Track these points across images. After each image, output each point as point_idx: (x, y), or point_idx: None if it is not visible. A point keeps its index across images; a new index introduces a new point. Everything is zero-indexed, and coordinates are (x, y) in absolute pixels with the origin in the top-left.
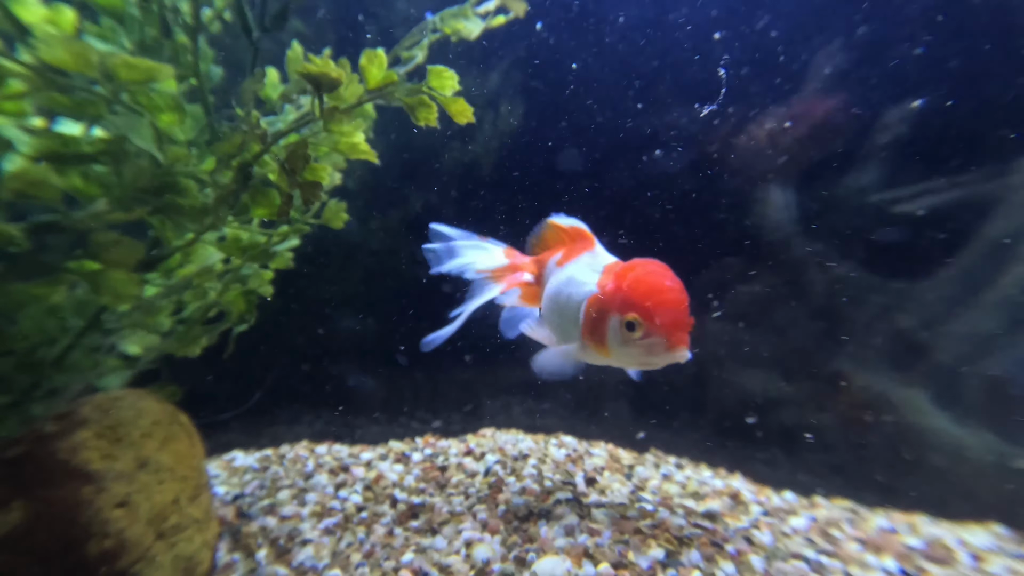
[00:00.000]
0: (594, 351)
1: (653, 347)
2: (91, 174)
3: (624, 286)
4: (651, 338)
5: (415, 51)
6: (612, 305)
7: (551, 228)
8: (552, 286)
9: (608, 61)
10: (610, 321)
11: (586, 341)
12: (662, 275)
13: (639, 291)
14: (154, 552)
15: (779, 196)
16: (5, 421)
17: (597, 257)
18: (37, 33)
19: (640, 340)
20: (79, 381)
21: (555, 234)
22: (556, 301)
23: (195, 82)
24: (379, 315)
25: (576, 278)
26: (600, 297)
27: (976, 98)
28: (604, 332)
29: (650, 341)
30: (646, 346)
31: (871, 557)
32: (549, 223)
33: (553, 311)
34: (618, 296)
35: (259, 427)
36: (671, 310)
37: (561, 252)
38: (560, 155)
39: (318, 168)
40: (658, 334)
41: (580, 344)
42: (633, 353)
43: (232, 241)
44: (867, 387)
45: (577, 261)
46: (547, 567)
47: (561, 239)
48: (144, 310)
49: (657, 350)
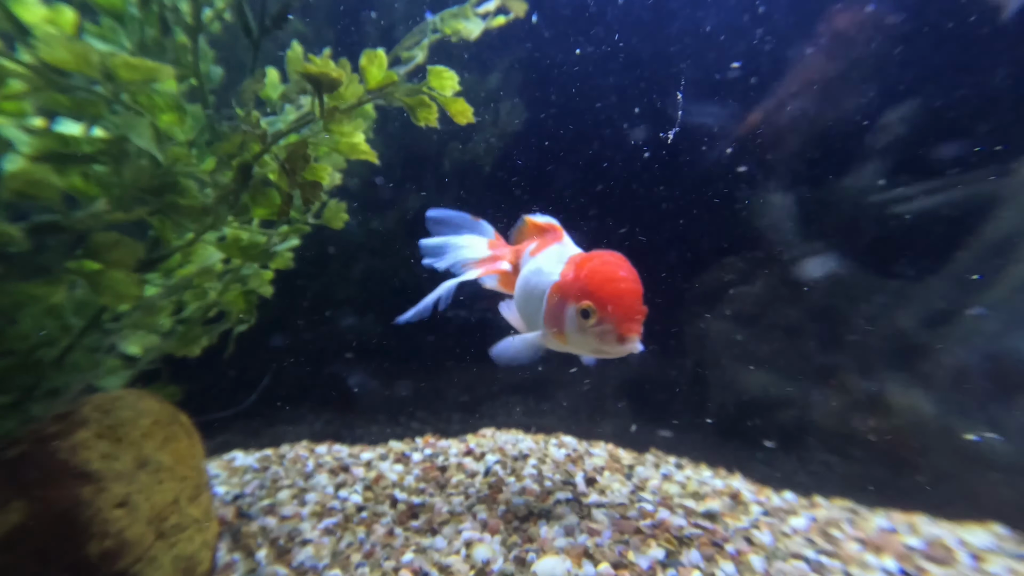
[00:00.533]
0: (554, 338)
1: (605, 335)
2: (91, 174)
3: (581, 276)
4: (603, 326)
5: (415, 51)
6: (570, 294)
7: (528, 223)
8: (523, 274)
9: (607, 59)
10: (567, 309)
11: (547, 327)
12: (618, 266)
13: (594, 281)
14: (154, 552)
15: (778, 196)
16: (5, 421)
17: (564, 248)
18: (37, 33)
19: (593, 328)
20: (79, 381)
21: (531, 228)
22: (525, 289)
23: (195, 82)
24: (379, 315)
25: (543, 268)
26: (560, 286)
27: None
28: (562, 319)
29: (602, 329)
30: (598, 333)
31: (871, 557)
32: (526, 219)
33: (522, 298)
34: (575, 285)
35: (259, 427)
36: (624, 300)
37: (536, 242)
38: (559, 154)
39: (318, 168)
40: (610, 322)
41: (543, 330)
42: (587, 340)
43: (232, 241)
44: (867, 387)
45: (547, 252)
46: (547, 567)
47: (536, 232)
48: (144, 310)
49: (609, 338)
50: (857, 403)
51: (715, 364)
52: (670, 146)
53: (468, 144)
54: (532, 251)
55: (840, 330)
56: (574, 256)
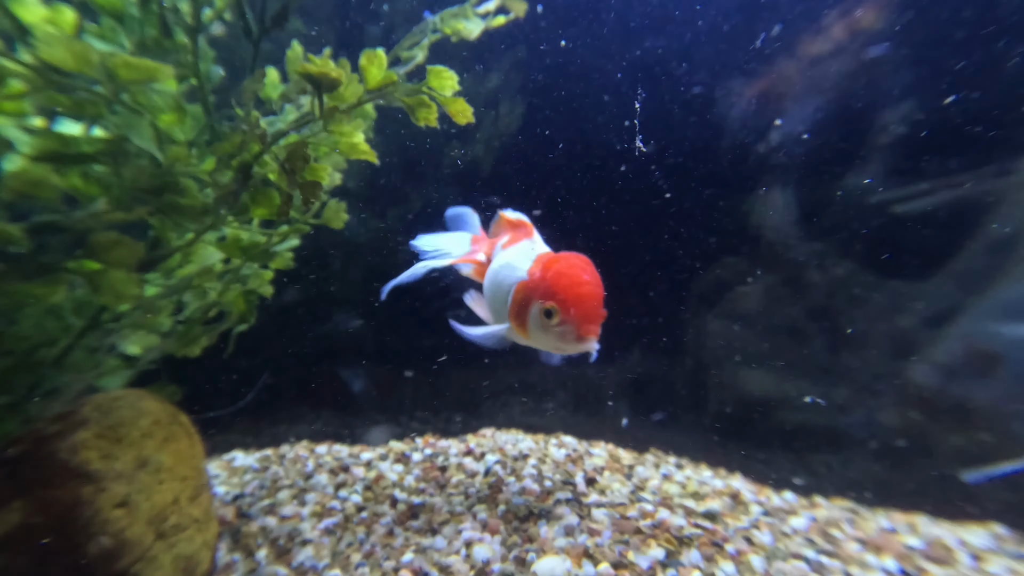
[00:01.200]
0: (518, 333)
1: (565, 334)
2: (91, 174)
3: (547, 276)
4: (564, 326)
5: (415, 51)
6: (535, 292)
7: (502, 219)
8: (492, 267)
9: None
10: (532, 307)
11: (511, 322)
12: (583, 270)
13: (559, 283)
14: (154, 552)
15: (778, 196)
16: (5, 421)
17: (534, 246)
18: (37, 33)
19: (554, 327)
20: (79, 381)
21: (505, 223)
22: (494, 281)
23: (195, 82)
24: (379, 315)
25: (512, 263)
26: (527, 284)
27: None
28: (526, 316)
29: (562, 329)
30: (559, 333)
31: (871, 557)
32: (501, 214)
33: (490, 290)
34: (541, 285)
35: (259, 427)
36: (585, 303)
37: (508, 236)
38: (559, 154)
39: (318, 168)
40: (570, 323)
41: (507, 325)
42: (548, 338)
43: (232, 241)
44: (867, 386)
45: (517, 247)
46: (547, 567)
47: (509, 227)
48: (144, 310)
49: (568, 338)
50: (857, 402)
51: (715, 364)
52: (671, 146)
53: (468, 144)
54: (504, 244)
55: (840, 330)
56: (542, 255)
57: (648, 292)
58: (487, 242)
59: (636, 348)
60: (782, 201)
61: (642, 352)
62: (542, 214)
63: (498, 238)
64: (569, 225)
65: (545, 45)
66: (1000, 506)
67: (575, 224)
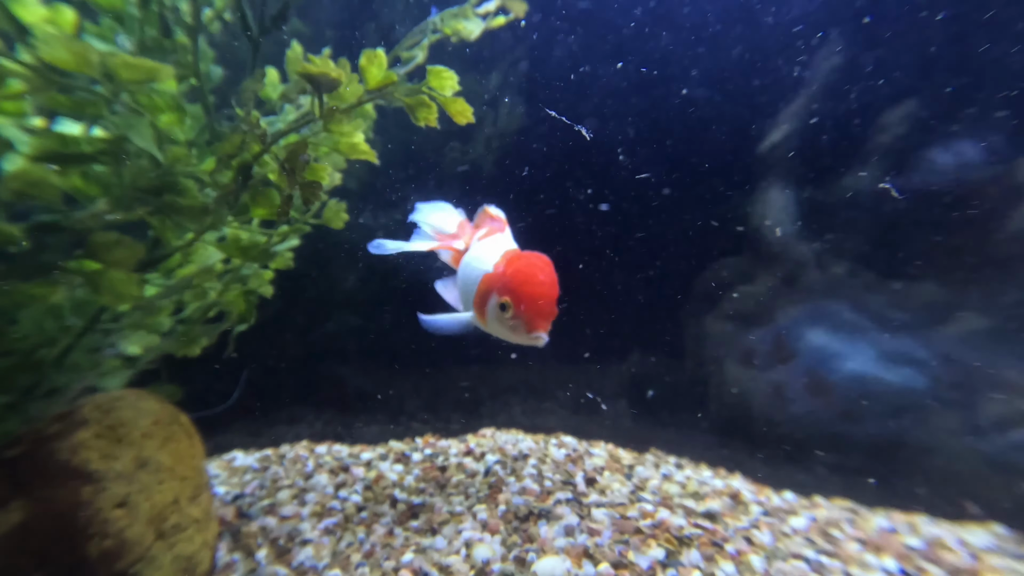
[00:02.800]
0: (479, 321)
1: (516, 328)
2: (91, 174)
3: (507, 273)
4: (516, 320)
5: (415, 51)
6: (495, 286)
7: (485, 212)
8: (466, 257)
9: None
10: (491, 299)
11: (474, 310)
12: (540, 270)
13: (516, 280)
14: (154, 552)
15: (778, 195)
16: (5, 421)
17: (504, 241)
18: (37, 33)
19: (508, 319)
20: (79, 381)
21: (486, 217)
22: (465, 271)
23: (195, 82)
24: (379, 315)
25: (482, 256)
26: (490, 277)
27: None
28: (486, 306)
29: (514, 323)
30: (511, 325)
31: (871, 557)
32: (484, 208)
33: (461, 278)
34: (500, 280)
35: (259, 427)
36: (537, 301)
37: (486, 229)
38: (559, 155)
39: (318, 168)
40: (521, 318)
41: (472, 313)
42: (501, 329)
43: (232, 241)
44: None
45: (491, 239)
46: (547, 567)
47: (487, 221)
48: (144, 310)
49: (519, 331)
50: (857, 402)
51: (715, 364)
52: (673, 146)
53: (468, 143)
54: (480, 236)
55: (839, 329)
56: (508, 252)
57: (647, 291)
58: (469, 231)
59: (636, 348)
60: (782, 200)
61: (642, 352)
62: (536, 212)
63: (477, 229)
64: (568, 224)
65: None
66: (1000, 506)
67: (574, 224)
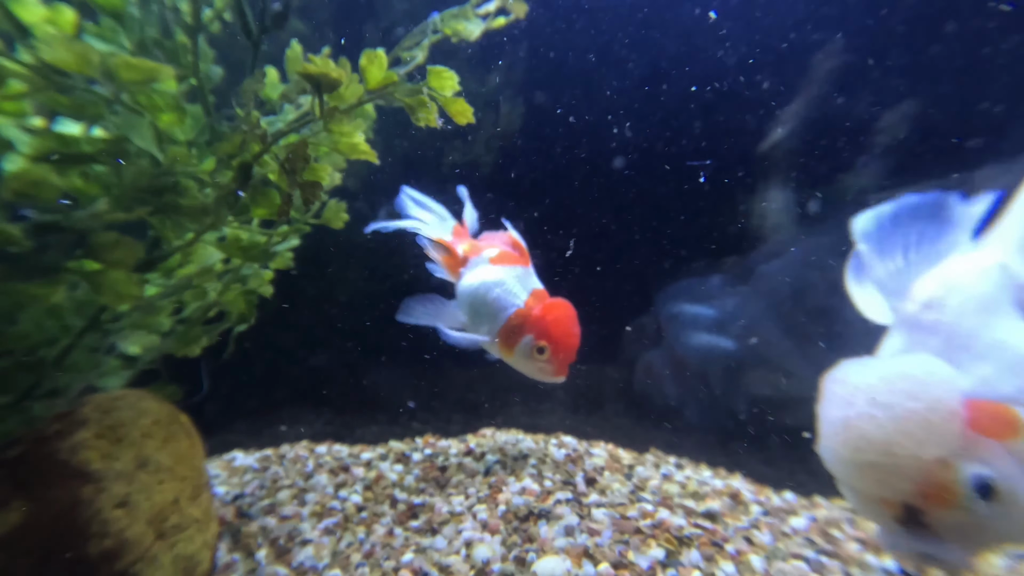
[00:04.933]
0: (500, 349)
1: (545, 369)
2: (91, 174)
3: (548, 318)
4: (548, 364)
5: (415, 51)
6: (533, 329)
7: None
8: (477, 277)
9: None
10: (525, 338)
11: (498, 341)
12: (574, 321)
13: (558, 330)
14: (154, 552)
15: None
16: (5, 421)
17: (530, 278)
18: (37, 33)
19: (540, 361)
20: (79, 381)
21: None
22: (479, 294)
23: (195, 82)
24: (379, 315)
25: (507, 285)
26: (524, 315)
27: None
28: (516, 342)
29: (545, 365)
30: (541, 366)
31: (871, 557)
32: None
33: (473, 300)
34: (541, 324)
35: (259, 427)
36: (570, 350)
37: (497, 251)
38: (560, 156)
39: (318, 168)
40: (554, 363)
41: (491, 338)
42: (530, 367)
43: (232, 241)
44: None
45: (510, 269)
46: (547, 567)
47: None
48: (144, 310)
49: (547, 371)
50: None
51: (715, 363)
52: (676, 146)
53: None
54: (492, 258)
55: (840, 330)
56: (539, 292)
57: (646, 290)
58: (467, 240)
59: (635, 347)
60: (782, 200)
61: (641, 351)
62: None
63: (485, 245)
64: (571, 225)
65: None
66: None
67: (577, 224)
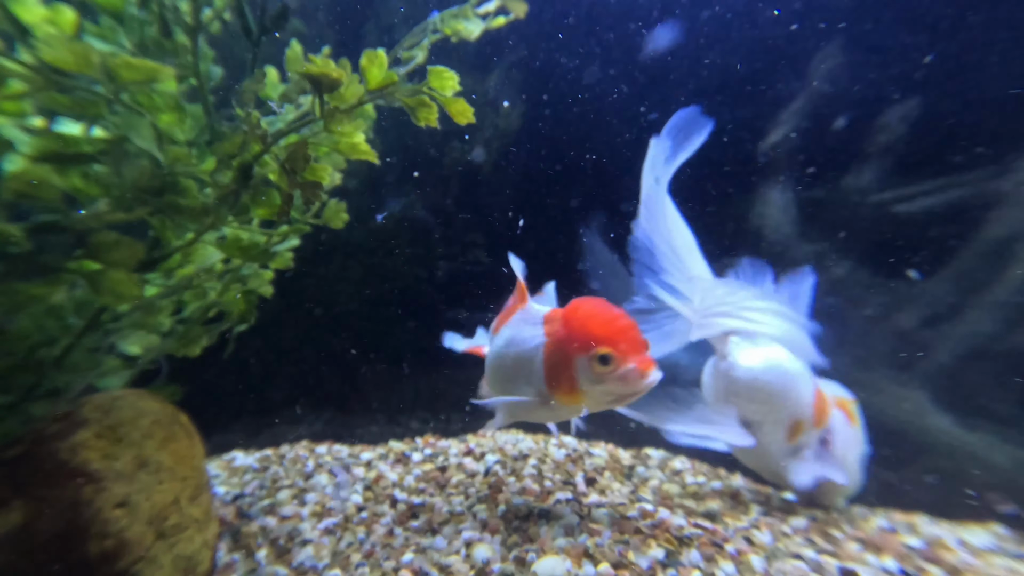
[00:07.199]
0: (563, 400)
1: (628, 376)
2: (91, 174)
3: (579, 325)
4: (624, 367)
5: (415, 51)
6: (573, 347)
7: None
8: (492, 354)
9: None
10: (576, 363)
11: (552, 393)
12: (609, 307)
13: (597, 324)
14: (154, 552)
15: (778, 195)
16: (5, 421)
17: (530, 311)
18: (37, 33)
19: (613, 373)
20: (79, 381)
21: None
22: (500, 366)
23: (195, 82)
24: (379, 315)
25: (516, 337)
26: (556, 343)
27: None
28: (572, 376)
29: (624, 371)
30: (621, 377)
31: (871, 557)
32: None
33: (499, 377)
34: (577, 336)
35: (259, 427)
36: (632, 337)
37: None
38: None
39: (318, 168)
40: (629, 362)
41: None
42: (608, 388)
43: (232, 241)
44: (867, 385)
45: (510, 323)
46: (547, 567)
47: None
48: (144, 310)
49: (633, 377)
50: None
51: None
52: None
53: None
54: (493, 329)
55: (840, 329)
56: (550, 313)
57: None
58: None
59: None
60: (782, 200)
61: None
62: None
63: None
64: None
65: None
66: (1000, 506)
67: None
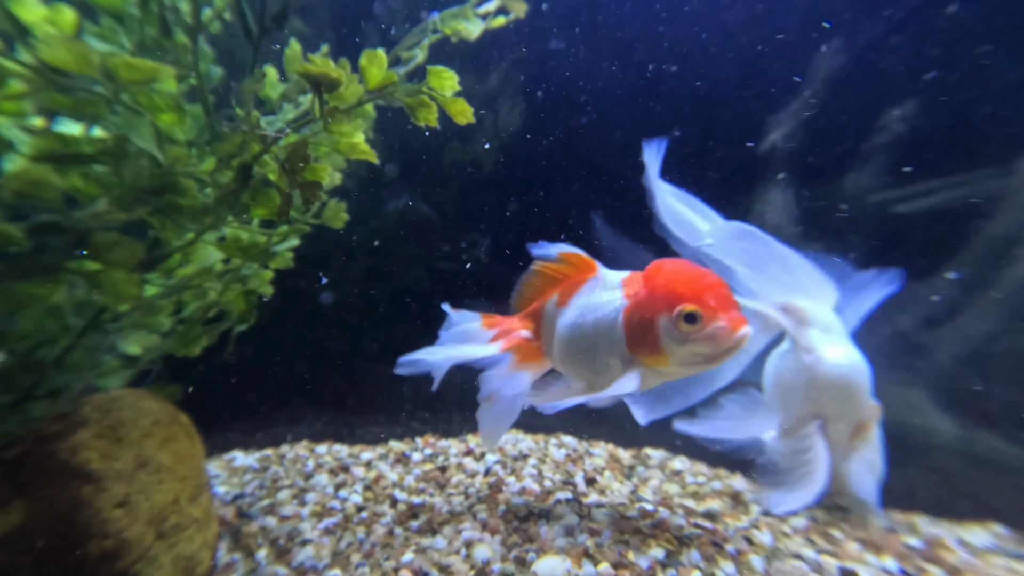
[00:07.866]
0: (649, 363)
1: (718, 334)
2: (91, 174)
3: (662, 284)
4: (714, 324)
5: (415, 51)
6: (657, 306)
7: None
8: (565, 325)
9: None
10: (660, 323)
11: (635, 356)
12: (693, 266)
13: (682, 282)
14: (154, 552)
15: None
16: (5, 421)
17: (605, 279)
18: (37, 33)
19: (701, 332)
20: (79, 381)
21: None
22: (577, 335)
23: (195, 82)
24: (378, 315)
25: (593, 303)
26: (638, 305)
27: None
28: (656, 338)
29: (713, 328)
30: (710, 335)
31: (871, 557)
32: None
33: (576, 348)
34: (660, 294)
35: (259, 427)
36: (721, 293)
37: (556, 295)
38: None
39: (318, 168)
40: (719, 319)
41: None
42: (696, 349)
43: (232, 241)
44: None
45: (581, 294)
46: (547, 567)
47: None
48: (144, 310)
49: (722, 335)
50: None
51: None
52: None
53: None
54: (557, 303)
55: None
56: (628, 277)
57: None
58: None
59: None
60: (783, 199)
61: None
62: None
63: (541, 301)
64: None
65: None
66: (1000, 506)
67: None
